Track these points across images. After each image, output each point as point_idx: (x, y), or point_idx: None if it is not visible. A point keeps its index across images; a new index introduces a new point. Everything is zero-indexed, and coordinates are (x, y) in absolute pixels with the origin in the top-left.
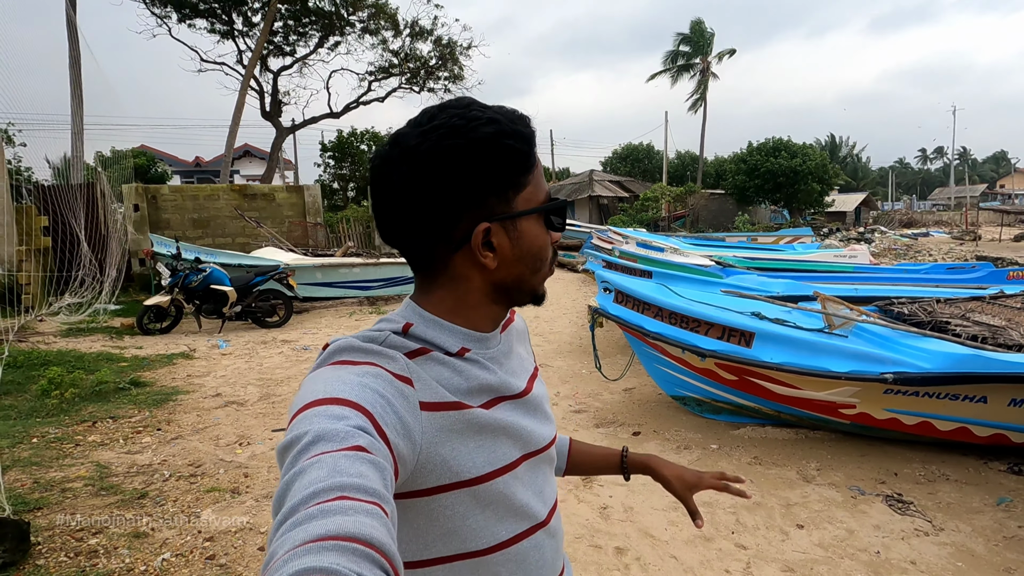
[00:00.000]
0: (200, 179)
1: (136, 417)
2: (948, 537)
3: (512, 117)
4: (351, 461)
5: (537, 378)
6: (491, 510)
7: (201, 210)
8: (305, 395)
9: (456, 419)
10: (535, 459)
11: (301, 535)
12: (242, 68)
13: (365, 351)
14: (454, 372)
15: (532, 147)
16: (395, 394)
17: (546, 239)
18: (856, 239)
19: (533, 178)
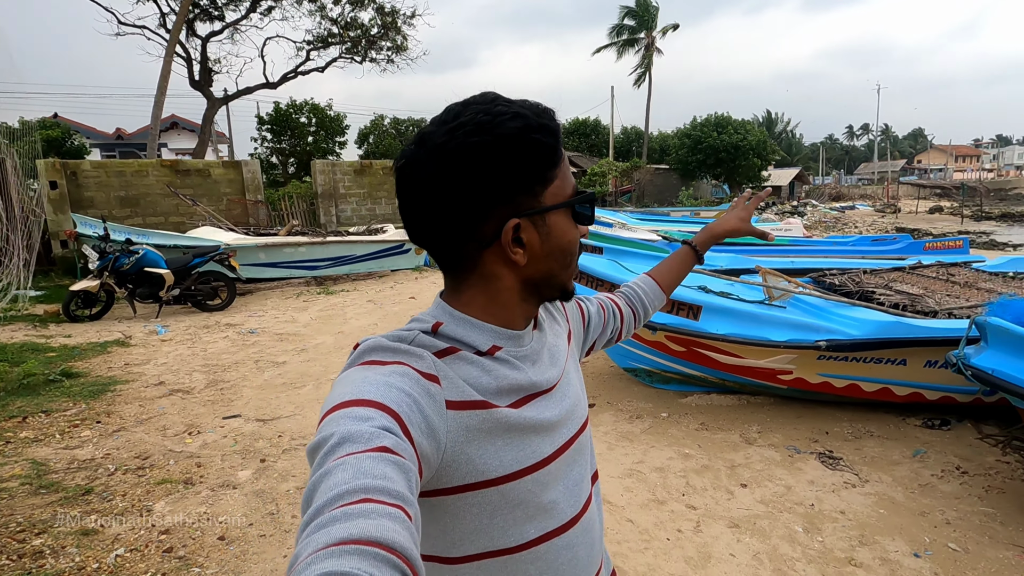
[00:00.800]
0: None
1: (72, 410)
2: (872, 488)
3: (537, 111)
4: (376, 462)
5: (570, 352)
6: (520, 509)
7: (129, 187)
8: (334, 397)
9: (483, 418)
10: (568, 452)
11: (324, 538)
12: (166, 32)
13: (393, 350)
14: (483, 371)
15: (558, 141)
16: (421, 393)
17: (575, 233)
18: (790, 212)
19: (560, 172)
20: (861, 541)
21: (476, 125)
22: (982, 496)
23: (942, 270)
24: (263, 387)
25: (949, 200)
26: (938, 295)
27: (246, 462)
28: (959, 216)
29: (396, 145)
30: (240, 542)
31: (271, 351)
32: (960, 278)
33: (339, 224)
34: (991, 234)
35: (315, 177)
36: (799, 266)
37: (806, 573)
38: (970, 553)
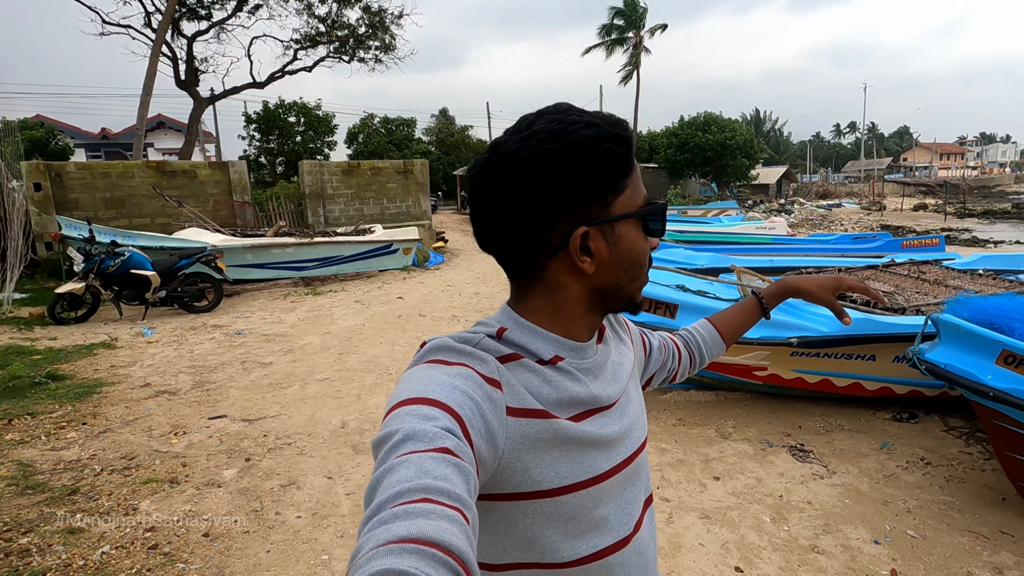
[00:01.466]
0: (108, 153)
1: (57, 412)
2: (839, 479)
3: (610, 121)
4: (437, 463)
5: (632, 373)
6: (572, 524)
7: (114, 189)
8: (400, 392)
9: (542, 428)
10: (625, 471)
11: (384, 535)
12: (151, 32)
13: (459, 352)
14: (544, 381)
15: (630, 151)
16: (483, 397)
17: (644, 244)
18: (777, 211)
19: (631, 182)
20: (825, 530)
21: (549, 133)
22: (943, 486)
23: (914, 268)
24: (249, 388)
25: (934, 197)
26: (908, 292)
27: (231, 461)
28: (943, 213)
29: (385, 144)
30: (224, 539)
31: (258, 352)
32: (930, 276)
33: (327, 224)
34: (973, 231)
35: (303, 177)
36: (778, 264)
37: (771, 561)
38: (927, 539)
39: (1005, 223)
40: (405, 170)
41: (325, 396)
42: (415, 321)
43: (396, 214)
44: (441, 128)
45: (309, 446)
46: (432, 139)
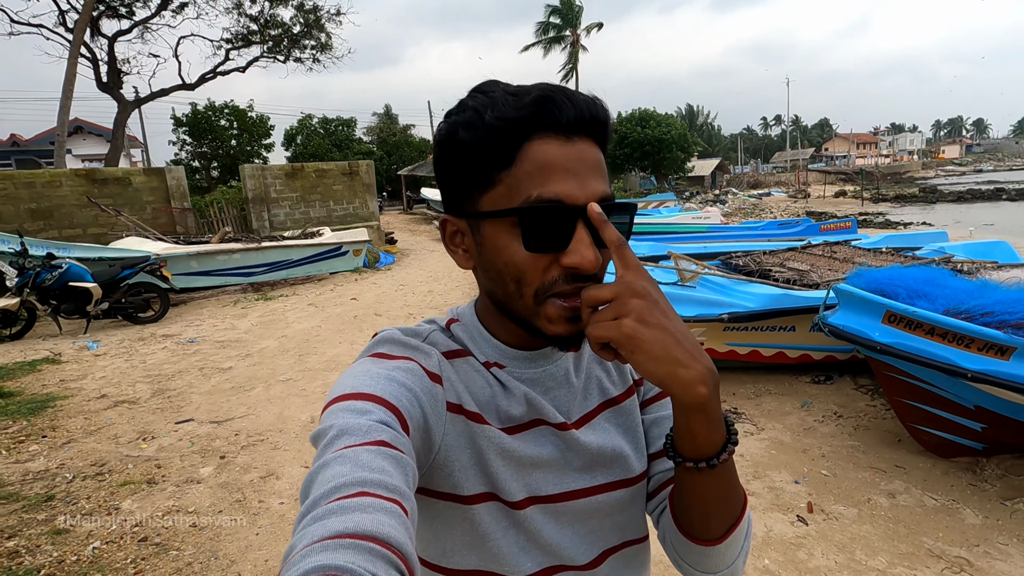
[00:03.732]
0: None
1: (13, 427)
2: (767, 434)
3: (494, 103)
4: (373, 456)
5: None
6: (512, 535)
7: (40, 199)
8: (336, 389)
9: (476, 431)
10: (586, 502)
11: (320, 531)
12: (65, 31)
13: (404, 345)
14: (486, 383)
15: (498, 140)
16: (424, 390)
17: (518, 257)
18: (712, 201)
19: (509, 177)
20: (755, 475)
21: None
22: (851, 433)
23: (827, 248)
24: (212, 392)
25: (852, 184)
26: (821, 270)
27: (206, 460)
28: (860, 199)
29: (325, 146)
30: (212, 527)
31: (214, 358)
32: (841, 255)
33: (273, 229)
34: (886, 214)
35: (245, 182)
36: (711, 250)
37: None
38: (837, 476)
39: (914, 206)
40: (351, 171)
41: (291, 395)
42: (371, 320)
43: (343, 216)
44: (383, 128)
45: (282, 441)
46: (373, 139)
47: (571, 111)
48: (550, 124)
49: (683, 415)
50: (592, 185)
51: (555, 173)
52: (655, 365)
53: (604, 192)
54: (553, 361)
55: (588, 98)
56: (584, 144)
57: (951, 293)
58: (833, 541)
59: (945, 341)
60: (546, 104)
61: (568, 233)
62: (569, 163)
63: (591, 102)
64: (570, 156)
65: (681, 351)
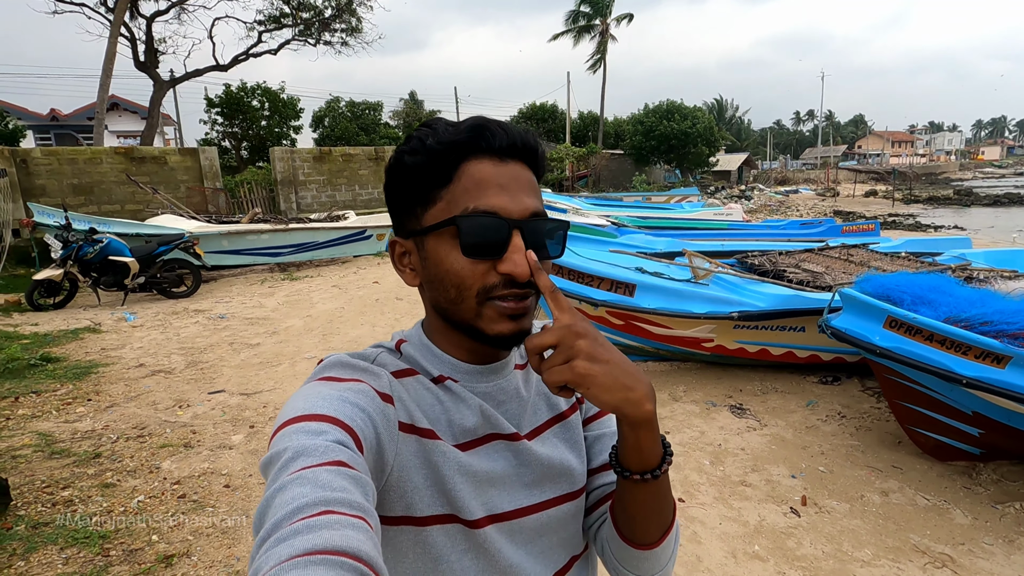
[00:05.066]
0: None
1: (61, 390)
2: (769, 430)
3: (436, 132)
4: (333, 475)
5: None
6: (468, 558)
7: (82, 175)
8: (287, 412)
9: (430, 448)
10: (537, 517)
11: (287, 550)
12: (106, 11)
13: (353, 367)
14: (436, 400)
15: (439, 162)
16: (376, 410)
17: (458, 264)
18: (738, 197)
19: (448, 193)
20: (753, 469)
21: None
22: (852, 433)
23: (844, 251)
24: (241, 366)
25: (884, 184)
26: (835, 273)
27: (236, 428)
28: (891, 199)
29: (352, 129)
30: (243, 488)
31: (243, 334)
32: (857, 258)
33: (300, 211)
34: (917, 216)
35: (274, 164)
36: (728, 248)
37: (707, 492)
38: (833, 473)
39: (947, 208)
40: (376, 156)
41: None
42: (392, 304)
43: (368, 200)
44: (409, 112)
45: None
46: (399, 123)
47: (503, 137)
48: (484, 147)
49: (632, 431)
50: (524, 201)
51: (489, 188)
52: (609, 395)
53: (536, 208)
54: (504, 376)
55: (521, 129)
56: (517, 166)
57: (954, 301)
58: (823, 532)
59: (943, 347)
60: (480, 130)
61: (503, 243)
62: (502, 180)
63: (523, 133)
64: (503, 174)
65: (628, 377)
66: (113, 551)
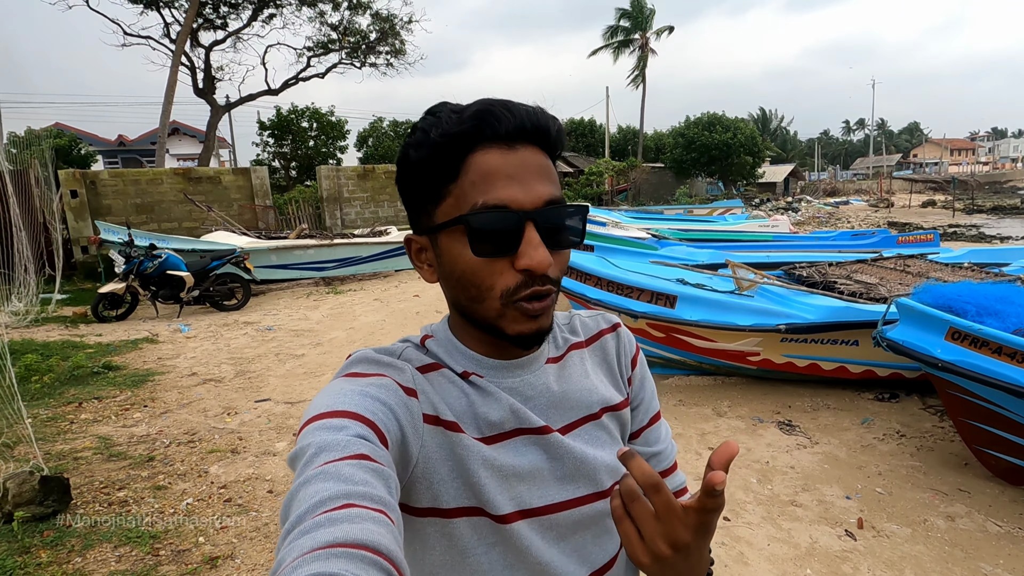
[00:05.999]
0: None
1: (120, 397)
2: (821, 448)
3: (440, 122)
4: (355, 469)
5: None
6: (496, 552)
7: (144, 195)
8: (311, 409)
9: (454, 441)
10: (571, 513)
11: (309, 542)
12: (169, 42)
13: (377, 363)
14: (462, 393)
15: (444, 155)
16: (399, 404)
17: (473, 264)
18: (784, 209)
19: (456, 188)
20: (804, 488)
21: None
22: (913, 453)
23: (900, 261)
24: (286, 376)
25: (943, 194)
26: (891, 284)
27: (281, 436)
28: (951, 209)
29: (395, 147)
30: (286, 494)
31: (289, 345)
32: (915, 269)
33: (344, 227)
34: (980, 227)
35: (320, 182)
36: (773, 260)
37: (755, 512)
38: (893, 495)
39: (1015, 219)
40: None
41: None
42: (432, 317)
43: None
44: None
45: None
46: None
47: (510, 122)
48: (490, 135)
49: None
50: (536, 189)
51: (498, 180)
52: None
53: (551, 195)
54: (533, 371)
55: (530, 108)
56: (527, 151)
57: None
58: (881, 558)
59: (1013, 361)
60: (485, 117)
61: (517, 236)
62: (511, 170)
63: (532, 112)
64: (512, 163)
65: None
66: (162, 551)
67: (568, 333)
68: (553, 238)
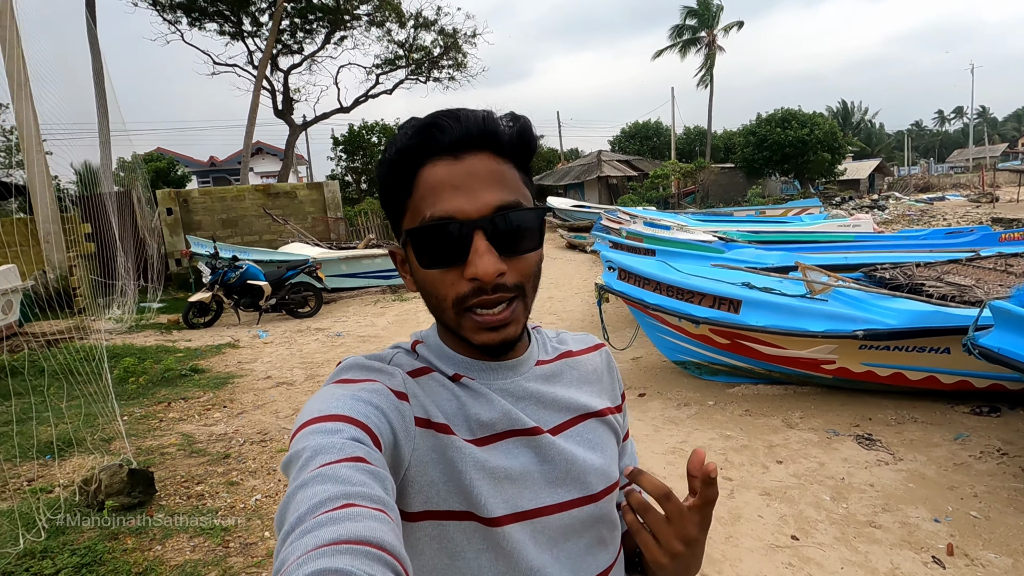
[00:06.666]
0: (216, 178)
1: (203, 398)
2: (905, 465)
3: (395, 139)
4: (352, 470)
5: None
6: (486, 557)
7: (229, 211)
8: (304, 414)
9: (446, 443)
10: (556, 518)
11: (312, 541)
12: (253, 68)
13: (368, 368)
14: (452, 396)
15: (397, 171)
16: (391, 408)
17: (425, 273)
18: (869, 207)
19: (411, 203)
20: (884, 509)
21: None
22: (1017, 475)
23: (1000, 261)
24: None
25: None
26: (989, 286)
27: None
28: None
29: None
30: None
31: (356, 351)
32: (1019, 269)
33: None
34: None
35: None
36: (851, 262)
37: (827, 532)
38: (991, 520)
39: None
40: None
41: None
42: None
43: None
44: None
45: None
46: None
47: (455, 131)
48: (435, 147)
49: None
50: (483, 197)
51: (444, 192)
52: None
53: (501, 200)
54: (522, 372)
55: (479, 114)
56: (476, 159)
57: None
58: None
59: None
60: (429, 130)
61: (464, 247)
62: (457, 180)
63: (480, 118)
64: (458, 173)
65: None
66: (232, 543)
67: (557, 343)
68: (507, 244)
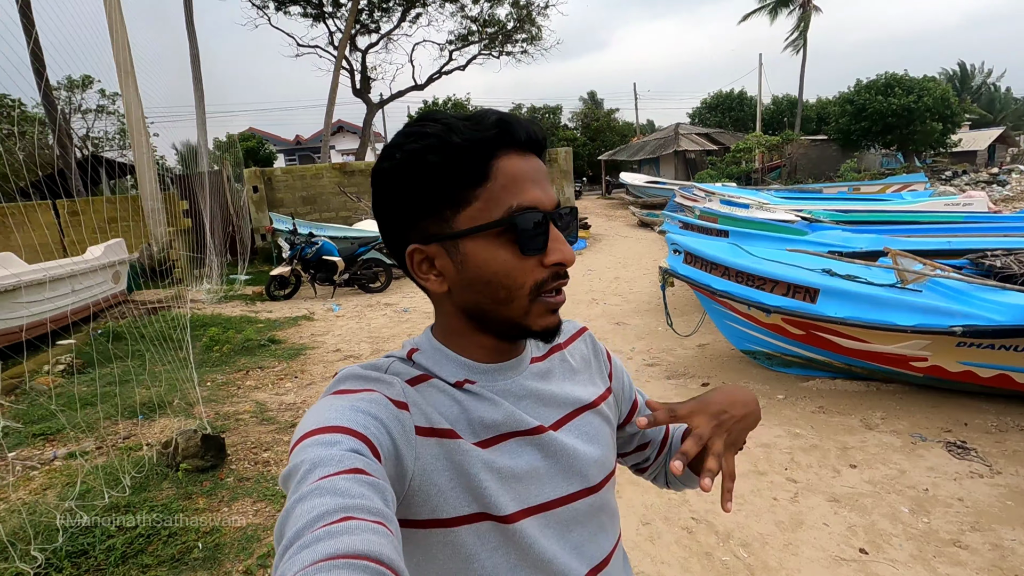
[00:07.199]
0: (300, 156)
1: (278, 367)
2: (1004, 480)
3: (455, 128)
4: (351, 483)
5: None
6: (500, 554)
7: (308, 188)
8: (302, 427)
9: (451, 448)
10: (561, 511)
11: (310, 555)
12: (333, 49)
13: (365, 379)
14: (453, 401)
15: (469, 159)
16: (390, 418)
17: (508, 264)
18: (987, 182)
19: (485, 192)
20: (974, 527)
21: (386, 149)
22: None
23: None
24: None
25: None
26: None
27: None
28: None
29: None
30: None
31: (421, 326)
32: None
33: None
34: None
35: None
36: (958, 246)
37: (902, 548)
38: None
39: None
40: (550, 159)
41: None
42: None
43: None
44: (587, 113)
45: None
46: (577, 124)
47: (523, 131)
48: (511, 142)
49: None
50: (550, 192)
51: (526, 183)
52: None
53: (557, 197)
54: (521, 371)
55: (532, 120)
56: (535, 159)
57: None
58: None
59: None
60: (507, 125)
61: (546, 235)
62: (533, 174)
63: (535, 123)
64: (532, 168)
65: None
66: None
67: None
68: (564, 235)
